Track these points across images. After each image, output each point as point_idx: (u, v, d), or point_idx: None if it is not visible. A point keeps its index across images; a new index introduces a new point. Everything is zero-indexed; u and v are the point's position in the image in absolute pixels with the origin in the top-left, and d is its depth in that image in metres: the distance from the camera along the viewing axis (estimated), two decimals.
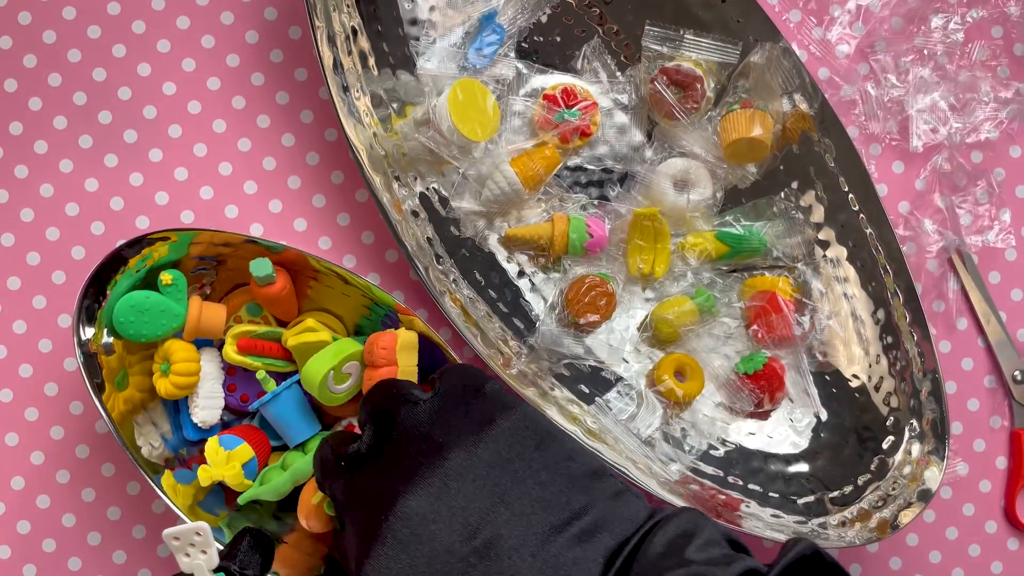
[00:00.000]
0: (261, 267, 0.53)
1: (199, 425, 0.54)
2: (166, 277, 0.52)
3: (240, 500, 0.53)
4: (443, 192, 0.59)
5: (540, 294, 0.60)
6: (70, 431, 0.59)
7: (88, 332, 0.52)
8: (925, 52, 0.63)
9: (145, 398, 0.54)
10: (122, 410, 0.52)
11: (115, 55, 0.60)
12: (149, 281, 0.53)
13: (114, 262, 0.51)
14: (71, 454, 0.59)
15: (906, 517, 0.56)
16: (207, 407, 0.54)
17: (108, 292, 0.52)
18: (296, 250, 0.53)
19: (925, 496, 0.56)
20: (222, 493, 0.55)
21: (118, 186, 0.60)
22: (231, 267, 0.55)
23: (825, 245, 0.61)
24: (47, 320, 0.59)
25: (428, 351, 0.54)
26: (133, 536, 0.59)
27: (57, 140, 0.60)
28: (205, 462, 0.52)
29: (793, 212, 0.60)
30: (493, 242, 0.60)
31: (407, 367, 0.52)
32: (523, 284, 0.60)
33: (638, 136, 0.61)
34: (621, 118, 0.61)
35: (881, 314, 0.60)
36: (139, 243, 0.51)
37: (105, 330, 0.52)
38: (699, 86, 0.59)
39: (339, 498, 0.43)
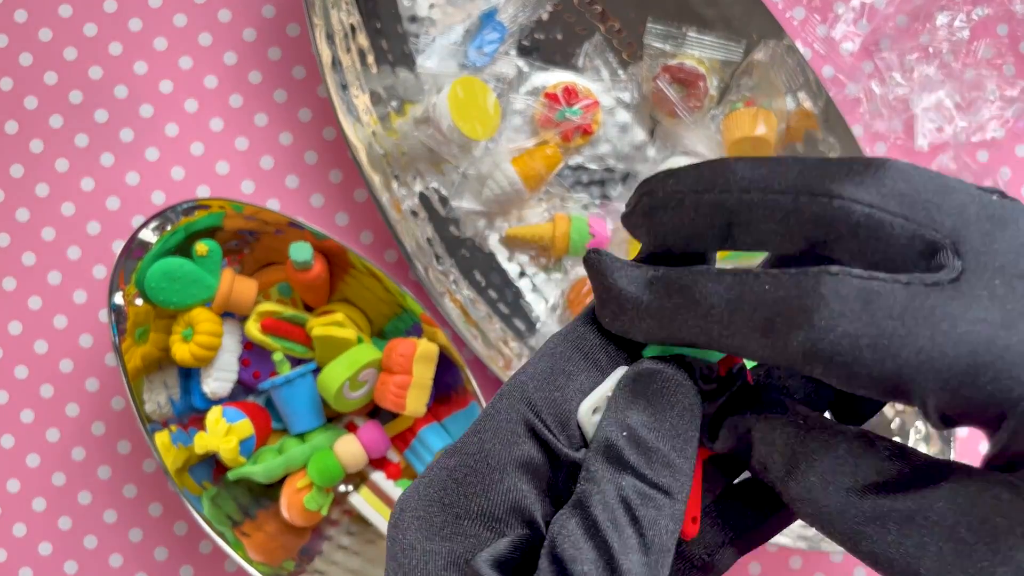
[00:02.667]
0: (301, 251, 0.53)
1: (208, 395, 0.54)
2: (202, 248, 0.52)
3: (230, 475, 0.53)
4: (443, 191, 0.58)
5: (541, 295, 0.59)
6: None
7: (119, 298, 0.53)
8: (930, 50, 0.63)
9: (162, 357, 0.54)
10: (137, 364, 0.53)
11: (111, 53, 0.60)
12: (184, 249, 0.54)
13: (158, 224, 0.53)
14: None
15: None
16: (220, 379, 0.54)
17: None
18: (337, 242, 0.54)
19: None
20: (212, 465, 0.55)
21: (114, 185, 0.59)
22: (265, 244, 0.56)
23: None
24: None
25: (445, 366, 0.54)
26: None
27: (53, 139, 0.59)
28: (204, 428, 0.52)
29: None
30: (494, 242, 0.59)
31: (422, 378, 0.52)
32: (524, 285, 0.59)
33: (640, 135, 0.60)
34: (623, 116, 0.60)
35: None
36: (189, 210, 0.53)
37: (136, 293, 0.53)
38: (702, 84, 0.58)
39: None
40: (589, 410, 0.24)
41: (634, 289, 0.23)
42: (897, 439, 0.58)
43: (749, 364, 0.26)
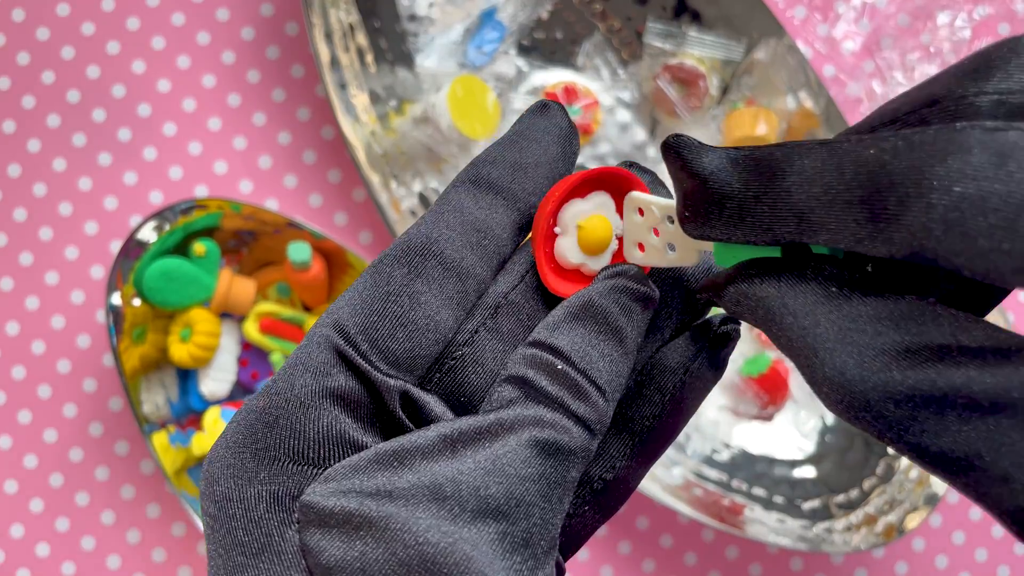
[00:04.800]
0: (300, 251, 0.53)
1: (206, 396, 0.54)
2: (199, 248, 0.52)
3: None
4: (442, 191, 0.58)
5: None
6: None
7: (116, 298, 0.52)
8: (932, 49, 0.63)
9: (160, 358, 0.54)
10: (135, 365, 0.53)
11: (109, 52, 0.60)
12: (181, 248, 0.54)
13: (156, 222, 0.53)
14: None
15: (912, 521, 0.55)
16: (218, 379, 0.54)
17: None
18: (336, 242, 0.54)
19: (932, 500, 0.55)
20: None
21: (112, 185, 0.59)
22: (264, 244, 0.56)
23: None
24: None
25: None
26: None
27: (51, 138, 0.59)
28: (202, 429, 0.52)
29: None
30: None
31: None
32: None
33: (641, 134, 0.60)
34: (623, 116, 0.60)
35: None
36: (187, 210, 0.53)
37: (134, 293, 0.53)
38: (702, 83, 0.58)
39: None
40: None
41: (718, 168, 0.20)
42: None
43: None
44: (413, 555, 0.19)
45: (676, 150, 0.21)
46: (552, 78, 0.59)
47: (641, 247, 0.24)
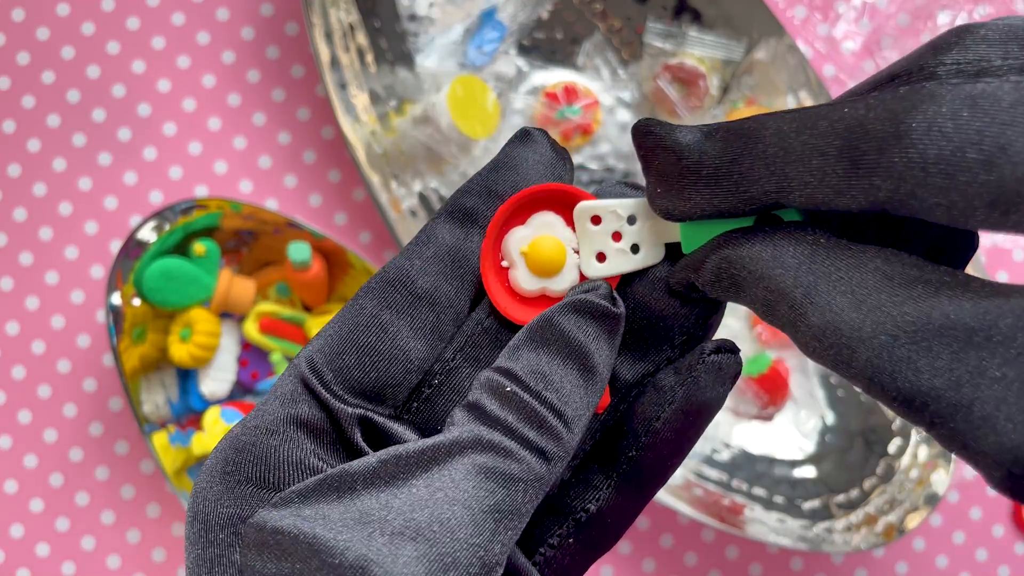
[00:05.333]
0: (300, 251, 0.53)
1: (206, 396, 0.54)
2: (199, 248, 0.52)
3: None
4: (442, 191, 0.58)
5: None
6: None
7: (116, 298, 0.52)
8: None
9: (160, 358, 0.54)
10: (135, 365, 0.53)
11: (109, 52, 0.60)
12: (182, 247, 0.54)
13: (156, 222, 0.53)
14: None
15: (913, 521, 0.55)
16: (218, 379, 0.54)
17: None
18: (336, 242, 0.54)
19: (932, 500, 0.55)
20: None
21: (112, 185, 0.59)
22: (264, 244, 0.56)
23: None
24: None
25: None
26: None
27: (51, 138, 0.59)
28: (202, 429, 0.52)
29: None
30: None
31: None
32: None
33: None
34: (624, 116, 0.60)
35: None
36: (187, 210, 0.53)
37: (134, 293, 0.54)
38: (702, 83, 0.58)
39: None
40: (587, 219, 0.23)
41: (693, 140, 0.20)
42: (898, 440, 0.58)
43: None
44: (328, 573, 0.19)
45: (648, 128, 0.21)
46: (552, 78, 0.59)
47: (600, 257, 0.23)
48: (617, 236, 0.23)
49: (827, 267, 0.19)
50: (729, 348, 0.23)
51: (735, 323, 0.59)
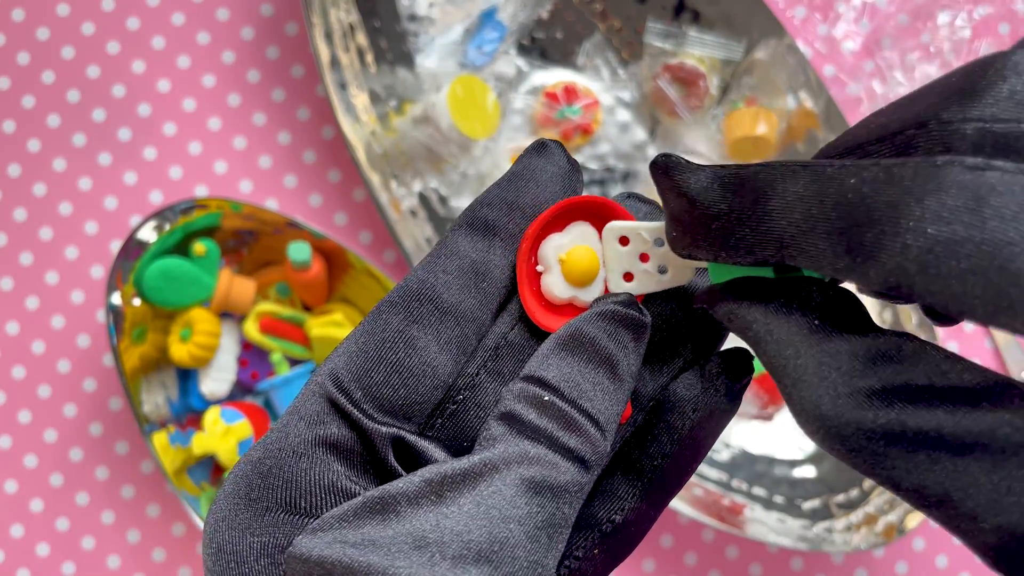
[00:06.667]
0: (300, 251, 0.53)
1: (206, 396, 0.54)
2: (200, 248, 0.52)
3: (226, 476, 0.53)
4: (442, 191, 0.58)
5: None
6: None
7: (117, 298, 0.52)
8: (932, 49, 0.63)
9: (160, 357, 0.54)
10: (135, 365, 0.53)
11: (109, 52, 0.60)
12: (182, 247, 0.54)
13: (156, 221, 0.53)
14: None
15: (913, 521, 0.55)
16: (218, 379, 0.54)
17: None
18: (336, 242, 0.54)
19: None
20: (211, 467, 0.55)
21: (112, 185, 0.59)
22: (264, 244, 0.56)
23: None
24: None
25: None
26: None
27: (51, 138, 0.59)
28: (202, 429, 0.52)
29: None
30: None
31: None
32: None
33: (641, 134, 0.60)
34: (623, 115, 0.60)
35: (887, 315, 0.59)
36: (187, 210, 0.53)
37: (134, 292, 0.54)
38: (702, 83, 0.58)
39: None
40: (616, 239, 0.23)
41: (705, 188, 0.20)
42: None
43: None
44: None
45: (664, 170, 0.21)
46: (552, 78, 0.59)
47: (628, 277, 0.23)
48: (645, 257, 0.23)
49: (818, 355, 0.19)
50: (745, 356, 0.23)
51: None
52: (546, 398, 0.21)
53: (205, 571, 0.21)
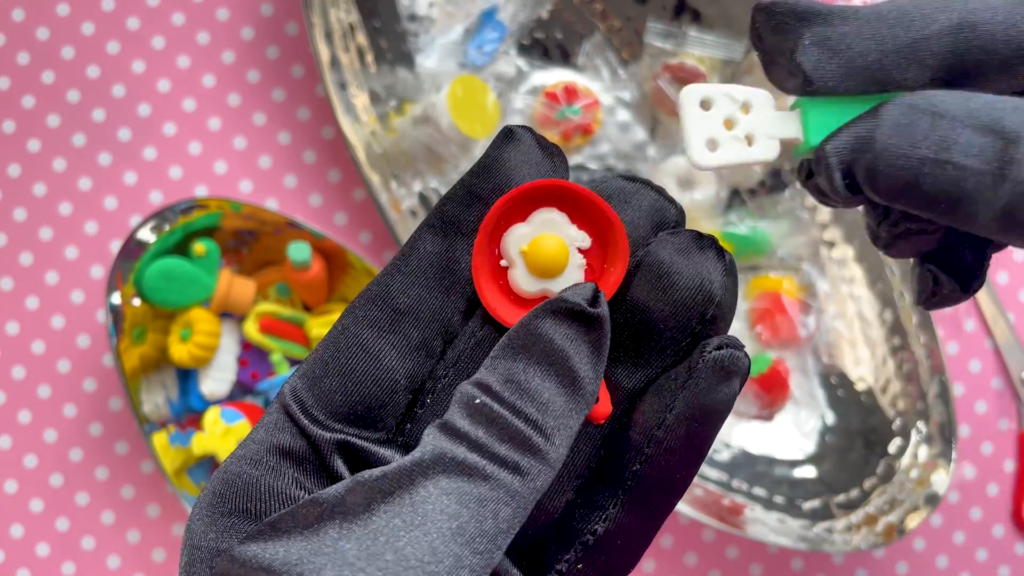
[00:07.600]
0: (300, 251, 0.53)
1: (206, 396, 0.54)
2: (200, 248, 0.52)
3: None
4: (442, 191, 0.58)
5: None
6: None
7: (116, 298, 0.53)
8: None
9: (160, 358, 0.55)
10: (135, 365, 0.53)
11: (109, 52, 0.60)
12: (182, 247, 0.54)
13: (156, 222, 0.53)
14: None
15: (913, 521, 0.55)
16: (218, 379, 0.54)
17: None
18: (336, 242, 0.54)
19: (932, 500, 0.55)
20: (211, 466, 0.55)
21: (112, 185, 0.59)
22: (264, 244, 0.56)
23: (831, 245, 0.60)
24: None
25: None
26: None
27: (50, 138, 0.59)
28: (202, 429, 0.52)
29: (798, 211, 0.59)
30: None
31: None
32: None
33: (641, 134, 0.60)
34: (624, 115, 0.60)
35: (888, 315, 0.59)
36: (187, 210, 0.53)
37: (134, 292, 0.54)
38: None
39: None
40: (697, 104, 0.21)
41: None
42: (898, 440, 0.58)
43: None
44: None
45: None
46: (552, 78, 0.59)
47: (712, 145, 0.21)
48: (729, 124, 0.21)
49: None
50: (731, 343, 0.21)
51: (735, 323, 0.59)
52: (478, 401, 0.20)
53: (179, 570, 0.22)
